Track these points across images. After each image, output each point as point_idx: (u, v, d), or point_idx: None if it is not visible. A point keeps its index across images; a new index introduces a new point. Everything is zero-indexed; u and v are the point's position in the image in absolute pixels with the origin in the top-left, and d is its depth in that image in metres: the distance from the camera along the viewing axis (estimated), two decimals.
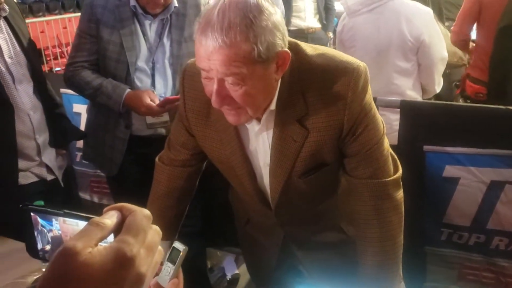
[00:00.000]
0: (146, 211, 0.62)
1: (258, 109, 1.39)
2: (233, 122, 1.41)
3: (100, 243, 0.56)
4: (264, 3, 1.25)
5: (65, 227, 0.80)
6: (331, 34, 5.75)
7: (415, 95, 2.82)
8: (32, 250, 0.87)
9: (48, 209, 0.83)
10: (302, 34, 5.42)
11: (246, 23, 1.19)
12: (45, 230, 0.84)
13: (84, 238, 0.55)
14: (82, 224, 0.71)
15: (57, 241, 0.82)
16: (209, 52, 1.21)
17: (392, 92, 2.67)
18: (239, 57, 1.21)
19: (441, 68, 2.86)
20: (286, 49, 1.30)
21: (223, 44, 1.19)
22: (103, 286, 0.52)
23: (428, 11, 2.76)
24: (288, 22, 5.43)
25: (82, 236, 0.55)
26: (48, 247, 0.86)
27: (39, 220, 0.84)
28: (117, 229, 0.59)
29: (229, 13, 1.19)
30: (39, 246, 0.86)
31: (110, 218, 0.59)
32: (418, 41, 2.70)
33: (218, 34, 1.18)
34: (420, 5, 2.78)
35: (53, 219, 0.81)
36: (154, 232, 0.61)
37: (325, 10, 5.74)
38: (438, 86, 2.91)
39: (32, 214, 0.84)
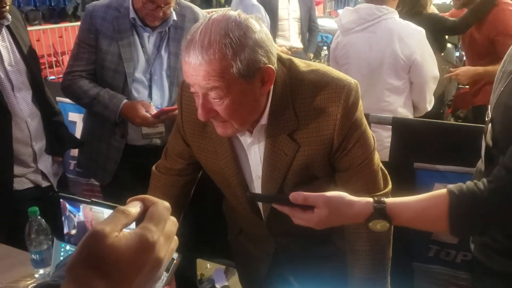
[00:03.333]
0: (167, 204, 0.67)
1: (244, 123, 1.43)
2: (221, 134, 1.46)
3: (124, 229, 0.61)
4: (249, 21, 1.30)
5: (90, 214, 0.86)
6: (312, 55, 5.81)
7: (406, 113, 2.86)
8: (59, 234, 0.93)
9: (77, 197, 0.90)
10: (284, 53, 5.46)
11: (225, 42, 1.25)
12: (72, 216, 0.91)
13: (111, 224, 0.59)
14: (107, 212, 0.76)
15: (82, 227, 0.89)
16: (191, 68, 1.28)
17: (383, 109, 2.71)
18: (217, 73, 1.27)
19: (432, 86, 2.90)
20: (270, 65, 1.34)
21: (203, 61, 1.25)
22: (127, 267, 0.57)
23: (420, 30, 2.81)
24: (273, 40, 5.49)
25: (109, 221, 0.60)
26: (73, 232, 0.92)
27: (68, 206, 0.90)
28: (139, 218, 0.64)
29: (210, 32, 1.26)
30: (66, 230, 0.93)
31: (134, 207, 0.64)
32: (410, 60, 2.74)
33: (199, 52, 1.25)
34: (412, 25, 2.83)
35: (81, 206, 0.88)
36: (172, 222, 0.66)
37: (309, 31, 5.80)
38: (430, 104, 2.95)
39: (61, 200, 0.90)
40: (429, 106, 2.95)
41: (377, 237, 1.55)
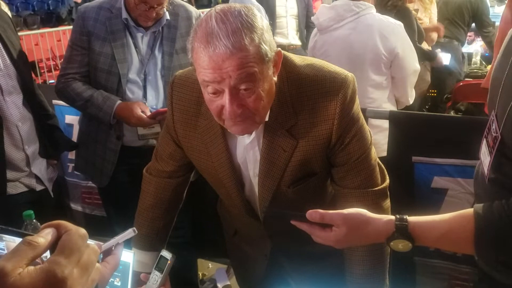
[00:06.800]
0: (82, 230, 0.61)
1: (265, 114, 1.40)
2: (239, 133, 1.42)
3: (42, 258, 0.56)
4: (253, 9, 1.29)
5: (7, 244, 0.77)
6: None
7: (390, 107, 2.86)
8: None
9: None
10: (283, 50, 5.46)
11: (247, 26, 1.22)
12: None
13: (14, 259, 0.54)
14: (19, 240, 0.71)
15: None
16: (220, 61, 1.21)
17: (368, 107, 2.65)
18: (250, 58, 1.23)
19: (413, 80, 2.90)
20: (279, 49, 1.33)
21: (233, 49, 1.20)
22: None
23: (399, 24, 2.79)
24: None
25: (13, 256, 0.54)
26: None
27: None
28: (53, 247, 0.58)
29: (228, 21, 1.22)
30: None
31: (44, 237, 0.58)
32: (392, 55, 2.72)
33: (226, 41, 1.20)
34: (391, 19, 2.80)
35: None
36: (91, 251, 0.60)
37: (306, 28, 5.79)
38: (411, 97, 2.97)
39: None
40: (411, 100, 2.97)
41: None
